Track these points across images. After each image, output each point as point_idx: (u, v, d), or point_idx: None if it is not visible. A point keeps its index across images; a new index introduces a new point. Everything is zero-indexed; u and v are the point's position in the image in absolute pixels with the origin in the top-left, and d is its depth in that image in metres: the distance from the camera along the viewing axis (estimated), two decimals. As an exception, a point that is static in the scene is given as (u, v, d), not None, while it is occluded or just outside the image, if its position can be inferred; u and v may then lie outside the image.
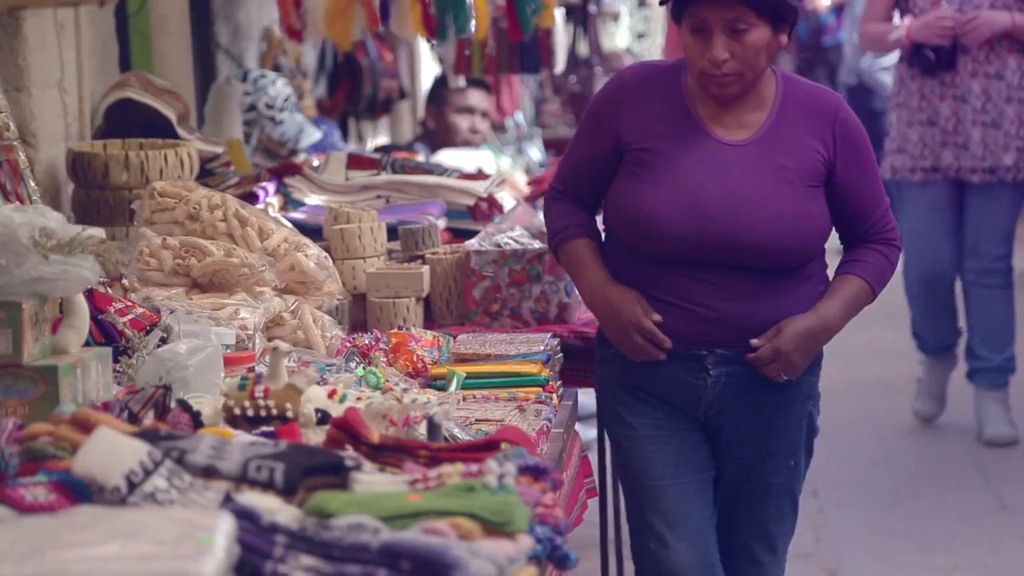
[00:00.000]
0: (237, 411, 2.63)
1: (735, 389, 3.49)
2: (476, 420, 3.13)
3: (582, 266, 3.55)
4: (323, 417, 2.66)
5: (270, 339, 3.38)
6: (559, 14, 7.34)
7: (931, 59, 6.20)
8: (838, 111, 3.48)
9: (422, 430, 2.70)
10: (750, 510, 3.61)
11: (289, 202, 4.57)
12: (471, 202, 4.58)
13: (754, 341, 3.44)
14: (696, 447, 3.56)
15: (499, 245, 4.11)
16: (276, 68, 6.37)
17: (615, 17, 11.42)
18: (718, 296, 3.43)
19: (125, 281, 3.47)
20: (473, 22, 2.09)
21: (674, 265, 3.43)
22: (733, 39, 3.33)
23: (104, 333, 3.03)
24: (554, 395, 3.47)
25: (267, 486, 2.25)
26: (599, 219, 3.66)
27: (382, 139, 8.36)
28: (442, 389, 3.35)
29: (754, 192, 3.40)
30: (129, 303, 3.19)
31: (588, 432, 6.14)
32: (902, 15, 6.34)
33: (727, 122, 3.44)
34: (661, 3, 3.51)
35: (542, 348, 3.66)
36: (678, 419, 3.53)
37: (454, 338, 3.75)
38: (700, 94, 3.44)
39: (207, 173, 4.32)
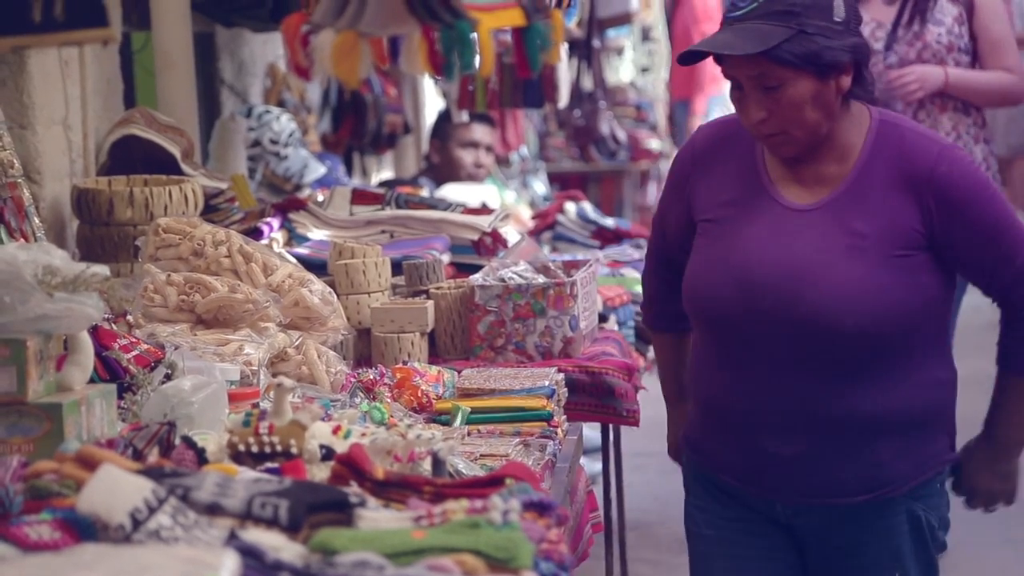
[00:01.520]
0: (242, 447, 2.63)
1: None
2: (481, 455, 3.12)
3: (660, 367, 3.45)
4: (327, 453, 2.65)
5: (274, 375, 3.38)
6: (563, 49, 7.36)
7: None
8: (935, 168, 2.98)
9: (427, 466, 2.70)
10: None
11: (294, 237, 4.58)
12: (475, 237, 4.59)
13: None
14: (778, 556, 3.15)
15: (503, 280, 4.11)
16: (280, 104, 6.39)
17: (619, 51, 11.44)
18: (784, 403, 2.98)
19: (130, 317, 3.48)
20: (478, 58, 2.10)
21: (734, 362, 3.05)
22: (768, 96, 2.95)
23: (108, 370, 3.03)
24: (559, 430, 3.46)
25: (271, 523, 2.25)
26: None
27: (386, 174, 8.37)
28: (447, 424, 3.34)
29: (815, 263, 2.96)
30: (134, 339, 3.19)
31: (593, 466, 6.13)
32: None
33: (803, 180, 3.04)
34: (685, 63, 3.05)
35: (547, 383, 3.65)
36: (756, 522, 3.15)
37: (458, 373, 3.75)
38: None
39: (211, 209, 4.32)
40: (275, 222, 4.57)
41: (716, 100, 10.84)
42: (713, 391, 3.10)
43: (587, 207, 6.08)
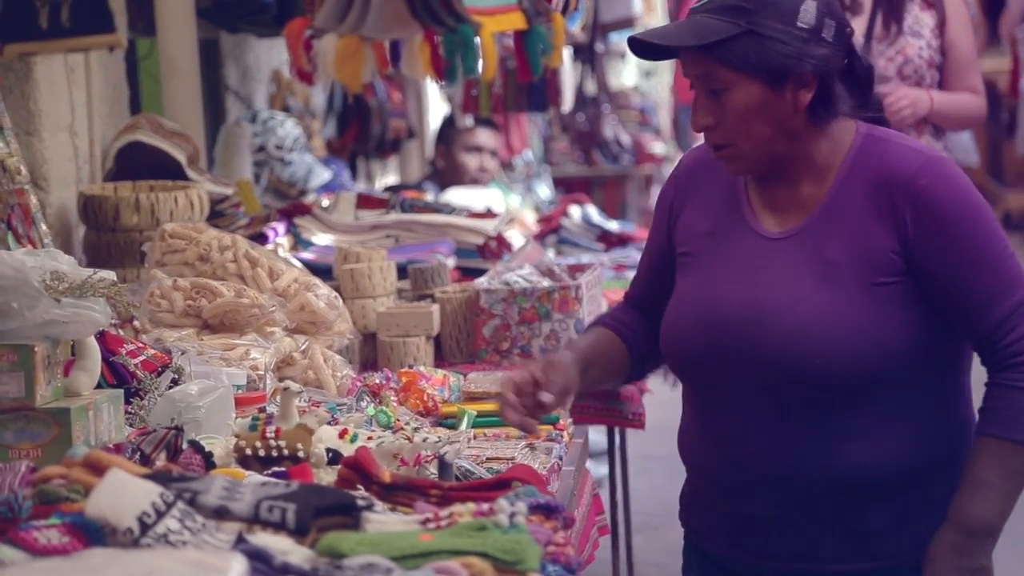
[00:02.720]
0: (249, 452, 2.64)
1: None
2: (487, 458, 3.13)
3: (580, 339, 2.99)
4: (334, 457, 2.66)
5: (281, 379, 3.39)
6: (566, 53, 7.38)
7: None
8: (915, 179, 2.59)
9: (433, 469, 2.71)
10: None
11: (299, 242, 4.59)
12: (480, 241, 4.60)
13: None
14: None
15: (508, 283, 4.12)
16: (285, 109, 6.41)
17: (622, 55, 11.46)
18: (758, 459, 2.64)
19: (136, 323, 3.49)
20: (481, 62, 2.10)
21: (709, 414, 2.73)
22: (714, 101, 2.63)
23: (116, 375, 3.04)
24: (565, 433, 3.47)
25: (279, 527, 2.25)
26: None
27: (391, 178, 8.39)
28: (453, 428, 3.35)
29: (781, 298, 2.61)
30: (140, 344, 3.20)
31: (599, 469, 6.14)
32: None
33: (780, 206, 2.70)
34: (638, 55, 2.75)
35: (552, 386, 3.65)
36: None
37: (464, 376, 3.76)
38: None
39: (217, 214, 4.34)
40: (280, 227, 4.58)
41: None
42: (694, 447, 2.78)
43: (591, 211, 6.09)
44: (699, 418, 2.75)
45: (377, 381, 3.55)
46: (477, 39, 2.17)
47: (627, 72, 12.35)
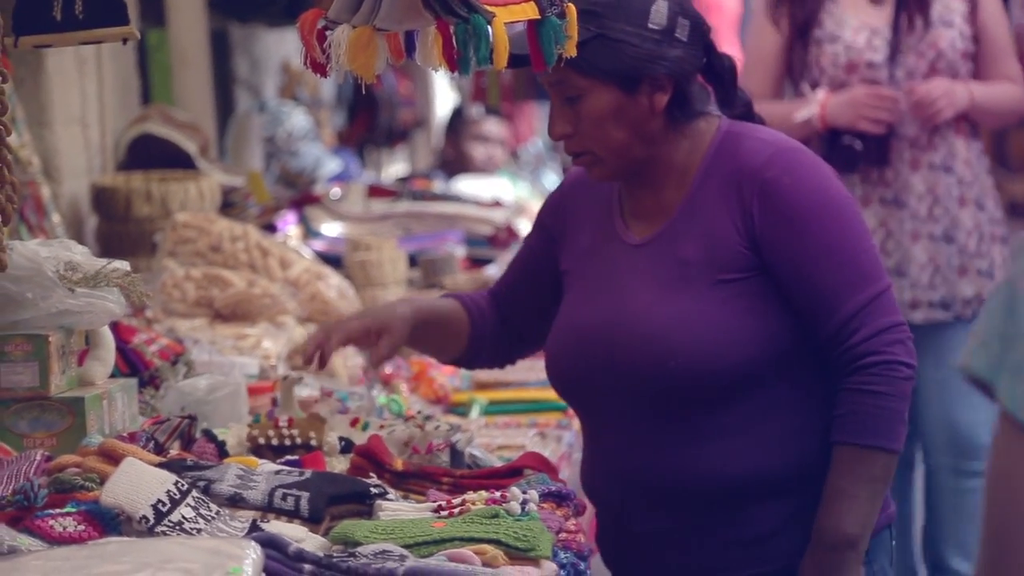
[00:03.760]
0: (262, 440, 2.65)
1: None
2: (498, 446, 3.14)
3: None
4: (346, 445, 2.68)
5: (293, 368, 3.41)
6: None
7: (856, 150, 4.09)
8: (763, 170, 2.48)
9: (445, 457, 2.72)
10: None
11: (309, 232, 4.61)
12: (490, 230, 4.61)
13: None
14: None
15: (518, 273, 4.13)
16: (294, 100, 6.42)
17: (630, 44, 11.45)
18: (637, 473, 2.54)
19: (149, 312, 3.50)
20: (494, 53, 2.12)
21: (592, 434, 2.63)
22: (570, 108, 2.52)
23: (128, 364, 3.05)
24: (574, 421, 3.48)
25: (293, 515, 2.27)
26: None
27: (399, 167, 8.40)
28: (463, 416, 3.36)
29: (636, 304, 2.52)
30: (153, 334, 3.22)
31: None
32: (807, 87, 4.18)
33: (647, 213, 2.59)
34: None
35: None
36: None
37: (475, 366, 3.77)
38: None
39: (228, 205, 4.36)
40: (291, 217, 4.60)
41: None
42: (589, 474, 2.65)
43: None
44: (588, 442, 2.65)
45: (388, 370, 3.57)
46: (489, 29, 2.19)
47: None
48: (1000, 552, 1.43)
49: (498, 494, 2.29)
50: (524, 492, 2.27)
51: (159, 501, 2.16)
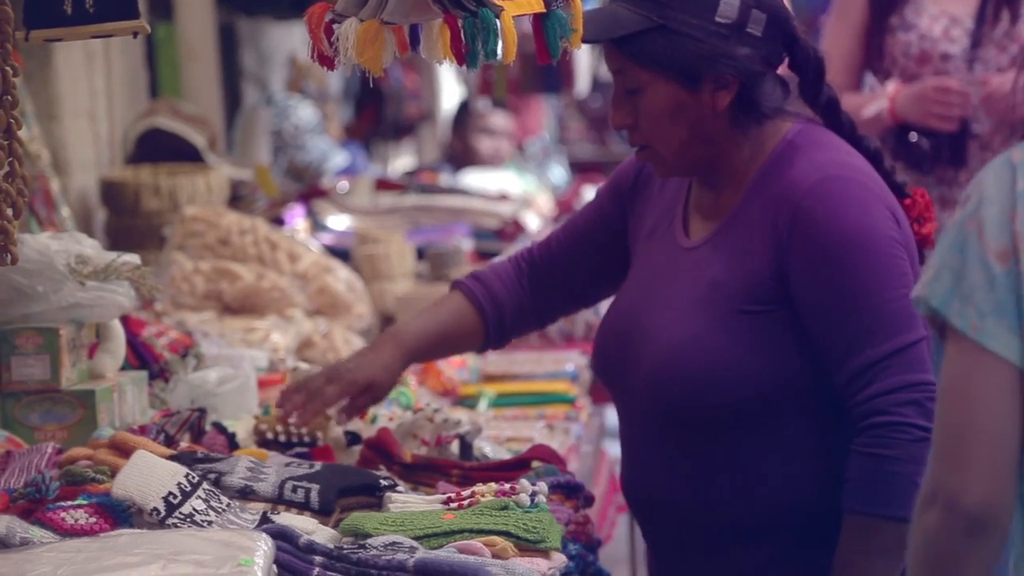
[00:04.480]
0: (269, 435, 2.66)
1: None
2: (506, 439, 3.15)
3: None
4: (354, 439, 2.68)
5: (302, 360, 3.42)
6: (581, 35, 7.39)
7: (924, 149, 3.78)
8: (802, 201, 2.31)
9: (454, 449, 2.73)
10: None
11: (317, 225, 4.62)
12: (497, 224, 4.62)
13: None
14: None
15: (526, 265, 4.13)
16: (301, 93, 6.43)
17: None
18: (645, 490, 2.45)
19: (158, 306, 3.51)
20: (501, 45, 2.11)
21: (616, 407, 2.54)
22: (632, 100, 2.39)
23: (138, 357, 3.06)
24: (582, 413, 3.49)
25: (303, 507, 2.28)
26: None
27: (406, 160, 8.41)
28: (472, 408, 3.37)
29: (661, 316, 2.40)
30: (163, 327, 3.23)
31: (616, 449, 6.16)
32: (883, 76, 3.88)
33: (705, 212, 2.45)
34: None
35: (570, 366, 3.68)
36: None
37: (483, 358, 3.78)
38: None
39: (236, 198, 4.37)
40: (299, 210, 4.61)
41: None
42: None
43: (607, 193, 6.10)
44: (621, 443, 2.54)
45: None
46: (498, 22, 2.19)
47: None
48: (953, 449, 1.66)
49: (508, 486, 2.29)
50: (533, 484, 2.28)
51: (170, 493, 2.17)
